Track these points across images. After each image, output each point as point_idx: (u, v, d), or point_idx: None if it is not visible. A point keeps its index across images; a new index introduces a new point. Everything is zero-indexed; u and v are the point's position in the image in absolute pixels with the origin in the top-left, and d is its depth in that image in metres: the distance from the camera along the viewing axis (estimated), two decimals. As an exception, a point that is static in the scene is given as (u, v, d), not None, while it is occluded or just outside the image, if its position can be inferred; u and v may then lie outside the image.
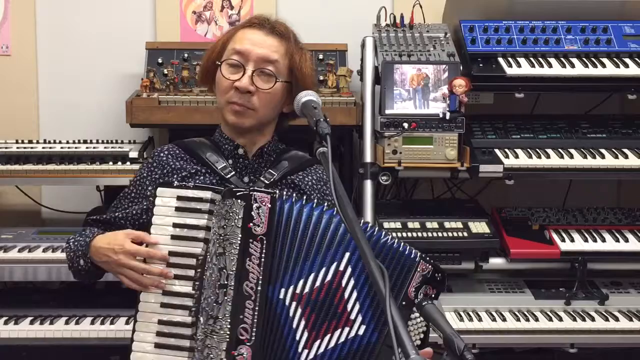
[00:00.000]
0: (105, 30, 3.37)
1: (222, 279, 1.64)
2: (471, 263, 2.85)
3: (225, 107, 1.90)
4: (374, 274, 1.37)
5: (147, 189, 1.93)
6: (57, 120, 3.38)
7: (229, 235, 1.65)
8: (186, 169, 1.92)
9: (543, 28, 3.00)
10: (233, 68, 1.88)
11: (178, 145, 1.99)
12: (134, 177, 1.99)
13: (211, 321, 1.63)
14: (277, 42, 1.91)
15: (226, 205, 1.66)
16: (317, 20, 3.37)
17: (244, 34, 1.91)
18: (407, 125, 2.75)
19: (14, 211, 3.37)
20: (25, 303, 2.95)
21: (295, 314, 1.66)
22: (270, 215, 1.65)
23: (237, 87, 1.86)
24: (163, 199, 1.73)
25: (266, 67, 1.87)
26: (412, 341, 1.27)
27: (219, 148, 1.96)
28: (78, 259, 1.88)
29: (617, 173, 2.86)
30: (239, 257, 1.64)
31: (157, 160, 1.96)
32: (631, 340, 2.72)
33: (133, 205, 1.95)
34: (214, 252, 1.66)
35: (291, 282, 1.66)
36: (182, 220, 1.72)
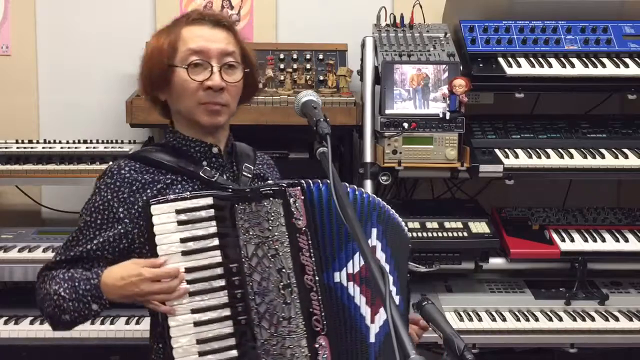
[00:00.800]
0: (105, 30, 3.37)
1: (284, 278, 1.66)
2: (471, 263, 2.85)
3: (196, 109, 1.80)
4: (374, 274, 1.37)
5: (116, 212, 1.76)
6: (57, 120, 3.38)
7: (277, 236, 1.66)
8: (159, 181, 1.79)
9: (543, 28, 3.00)
10: (197, 68, 1.79)
11: (135, 159, 1.84)
12: (92, 201, 1.80)
13: (285, 322, 1.65)
14: (225, 33, 1.84)
15: (264, 207, 1.66)
16: (317, 20, 3.38)
17: (191, 32, 1.82)
18: (407, 125, 2.75)
19: (14, 211, 3.37)
20: (25, 303, 2.94)
21: (355, 292, 1.71)
22: (305, 206, 1.68)
23: (210, 86, 1.78)
24: (160, 217, 1.64)
25: (229, 60, 1.81)
26: (412, 341, 1.27)
27: (182, 153, 1.84)
28: (87, 304, 1.71)
29: (617, 173, 2.86)
30: (293, 253, 1.67)
31: (119, 179, 1.79)
32: (631, 340, 2.72)
33: (104, 233, 1.77)
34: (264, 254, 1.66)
35: (341, 265, 1.70)
36: (190, 234, 1.65)
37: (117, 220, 1.77)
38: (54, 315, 1.75)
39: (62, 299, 1.72)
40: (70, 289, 1.72)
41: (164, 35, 1.85)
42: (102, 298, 1.70)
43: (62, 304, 1.72)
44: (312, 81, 3.13)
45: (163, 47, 1.82)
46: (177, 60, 1.81)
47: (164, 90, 1.85)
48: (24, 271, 2.84)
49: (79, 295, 1.71)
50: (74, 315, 1.72)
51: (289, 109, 2.82)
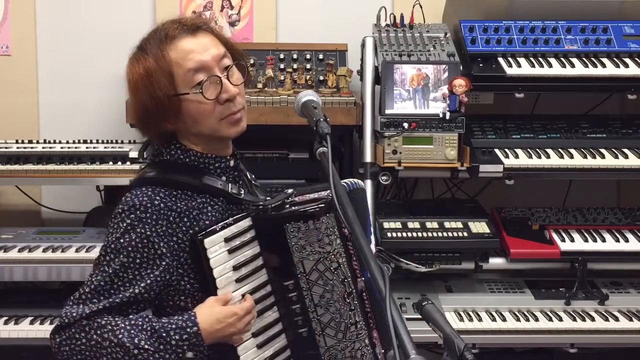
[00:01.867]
0: (105, 30, 3.37)
1: (347, 287, 1.70)
2: (471, 263, 2.85)
3: (218, 125, 1.72)
4: (374, 274, 1.37)
5: (158, 248, 1.64)
6: (57, 120, 3.38)
7: (337, 249, 1.70)
8: (193, 207, 1.70)
9: (543, 28, 3.00)
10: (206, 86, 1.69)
11: (159, 184, 1.70)
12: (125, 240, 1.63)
13: (353, 328, 1.72)
14: (208, 36, 1.75)
15: (323, 223, 1.68)
16: (317, 20, 3.38)
17: (179, 51, 1.70)
18: (407, 125, 2.75)
19: (14, 211, 3.37)
20: (25, 303, 2.95)
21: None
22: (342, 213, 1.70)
23: (227, 99, 1.70)
24: (214, 249, 1.65)
25: (226, 62, 1.74)
26: (412, 341, 1.27)
27: (200, 170, 1.75)
28: (182, 354, 1.61)
29: (617, 173, 2.86)
30: (348, 262, 1.71)
31: (155, 211, 1.65)
32: (631, 340, 2.71)
33: (146, 273, 1.64)
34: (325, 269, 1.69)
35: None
36: (239, 260, 1.69)
37: (160, 257, 1.65)
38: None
39: (144, 352, 1.58)
40: (156, 340, 1.59)
41: (146, 60, 1.70)
42: (202, 345, 1.63)
43: (147, 358, 1.58)
44: (312, 81, 3.13)
45: (156, 76, 1.67)
46: (181, 86, 1.69)
47: (173, 120, 1.72)
48: (24, 271, 2.84)
49: (171, 346, 1.60)
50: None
51: (289, 109, 2.82)
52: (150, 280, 1.64)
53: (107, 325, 1.60)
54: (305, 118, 1.74)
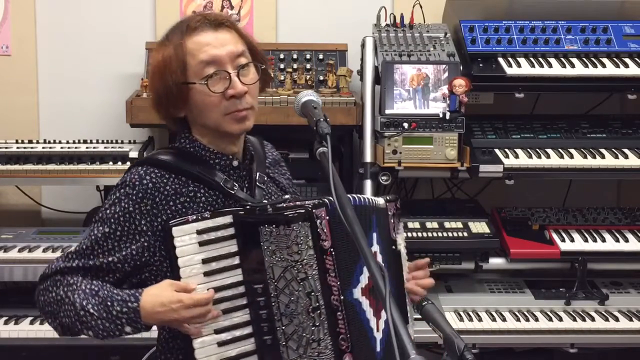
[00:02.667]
0: (105, 30, 3.37)
1: (313, 302, 1.64)
2: (471, 263, 2.85)
3: (222, 120, 1.74)
4: (374, 274, 1.37)
5: (138, 224, 1.71)
6: (57, 120, 3.38)
7: (306, 260, 1.64)
8: (182, 193, 1.74)
9: (543, 28, 3.00)
10: (214, 79, 1.72)
11: (155, 165, 1.75)
12: (111, 212, 1.72)
13: (315, 344, 1.64)
14: (228, 33, 1.77)
15: (293, 230, 1.63)
16: (317, 20, 3.38)
17: (196, 43, 1.73)
18: (407, 125, 2.75)
19: (14, 211, 3.37)
20: (25, 303, 2.94)
21: (366, 306, 1.71)
22: (330, 226, 1.66)
23: (233, 95, 1.72)
24: (183, 238, 1.64)
25: (242, 61, 1.76)
26: (412, 341, 1.27)
27: (201, 161, 1.79)
28: (121, 327, 1.66)
29: (617, 173, 2.86)
30: (321, 276, 1.64)
31: (142, 190, 1.71)
32: (631, 340, 2.72)
33: (124, 246, 1.72)
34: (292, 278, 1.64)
35: (358, 280, 1.70)
36: (211, 254, 1.66)
37: (139, 233, 1.71)
38: (72, 327, 1.69)
39: (89, 316, 1.66)
40: (101, 306, 1.66)
41: (166, 49, 1.75)
42: (140, 322, 1.66)
43: (90, 321, 1.66)
44: (312, 81, 3.13)
45: (171, 64, 1.72)
46: (191, 76, 1.72)
47: (182, 107, 1.77)
48: (24, 271, 2.84)
49: (112, 316, 1.65)
50: (102, 334, 1.67)
51: (289, 109, 2.82)
52: (125, 252, 1.71)
53: (72, 284, 1.70)
54: (305, 118, 1.74)
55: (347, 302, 1.67)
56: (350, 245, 1.67)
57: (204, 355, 1.64)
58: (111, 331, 1.67)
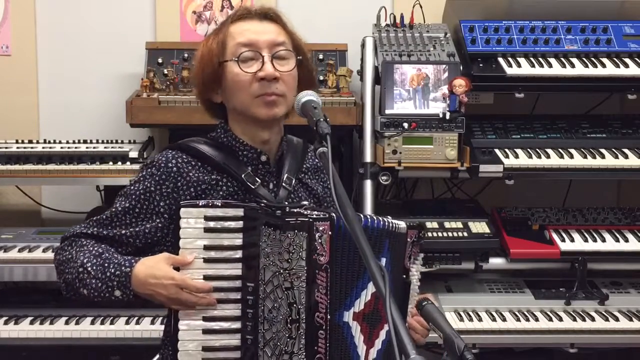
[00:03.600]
0: (105, 30, 3.37)
1: (294, 313, 1.62)
2: (471, 263, 2.85)
3: (251, 103, 1.76)
4: (374, 275, 1.37)
5: (157, 205, 1.76)
6: (57, 120, 3.38)
7: (295, 270, 1.62)
8: (204, 181, 1.77)
9: (543, 28, 3.00)
10: (248, 62, 1.76)
11: (183, 150, 1.80)
12: (134, 188, 1.78)
13: (286, 356, 1.62)
14: (274, 25, 1.83)
15: (287, 238, 1.62)
16: (317, 20, 3.37)
17: (239, 27, 1.80)
18: (407, 125, 2.75)
19: (14, 211, 3.37)
20: (25, 303, 2.95)
21: (357, 331, 1.69)
22: (331, 243, 1.62)
23: (262, 77, 1.75)
24: (189, 220, 1.64)
25: (280, 49, 1.79)
26: (413, 341, 1.27)
27: (230, 152, 1.82)
28: (111, 289, 1.69)
29: (617, 173, 2.86)
30: (307, 289, 1.62)
31: (165, 172, 1.76)
32: (631, 340, 2.72)
33: (140, 223, 1.77)
34: (278, 284, 1.63)
35: (352, 303, 1.68)
36: (214, 242, 1.65)
37: (157, 214, 1.76)
38: (72, 284, 1.73)
39: (86, 274, 1.70)
40: (99, 267, 1.70)
41: (212, 37, 1.83)
42: (129, 288, 1.68)
43: (86, 279, 1.70)
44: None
45: (212, 47, 1.80)
46: (227, 56, 1.78)
47: (217, 90, 1.82)
48: (24, 271, 2.84)
49: (105, 277, 1.69)
50: (93, 293, 1.70)
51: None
52: (139, 229, 1.77)
53: (83, 245, 1.76)
54: (305, 118, 1.73)
55: (334, 323, 1.64)
56: (351, 267, 1.66)
57: (186, 337, 1.64)
58: (102, 292, 1.69)
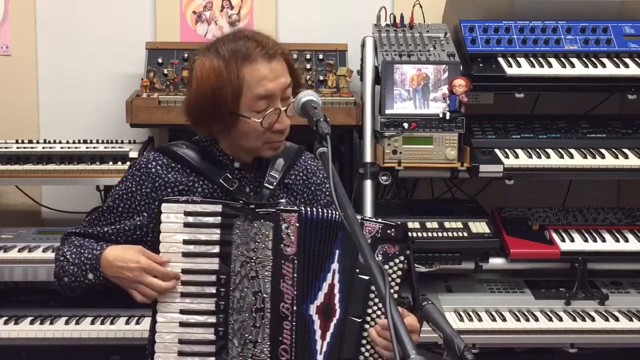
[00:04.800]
0: (105, 30, 3.37)
1: (258, 302, 1.66)
2: (471, 263, 2.85)
3: (261, 147, 1.79)
4: (374, 274, 1.37)
5: (138, 204, 1.82)
6: (57, 120, 3.38)
7: (260, 259, 1.67)
8: (181, 182, 1.82)
9: (543, 28, 3.00)
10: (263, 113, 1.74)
11: (164, 154, 1.85)
12: (118, 188, 1.86)
13: (250, 345, 1.66)
14: (281, 64, 1.79)
15: (254, 227, 1.67)
16: (317, 20, 3.38)
17: (256, 76, 1.73)
18: (407, 125, 2.75)
19: (14, 211, 3.37)
20: (25, 303, 2.95)
21: (317, 325, 1.71)
22: (299, 234, 1.67)
23: (279, 129, 1.77)
24: (169, 215, 1.69)
25: (288, 93, 1.79)
26: (412, 341, 1.27)
27: (210, 156, 1.85)
28: (84, 272, 1.78)
29: (617, 173, 2.86)
30: (273, 279, 1.67)
31: (145, 173, 1.82)
32: (631, 340, 2.71)
33: (122, 221, 1.84)
34: (245, 274, 1.67)
35: (316, 296, 1.70)
36: (193, 237, 1.69)
37: (136, 212, 1.83)
38: (58, 275, 1.84)
39: (66, 262, 1.81)
40: (75, 254, 1.81)
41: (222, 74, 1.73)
42: (99, 270, 1.76)
43: (65, 266, 1.81)
44: (312, 81, 3.13)
45: (225, 91, 1.72)
46: (243, 107, 1.74)
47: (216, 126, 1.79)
48: (24, 271, 2.84)
49: (80, 262, 1.79)
50: (71, 279, 1.80)
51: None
52: (120, 226, 1.84)
53: (71, 242, 1.87)
54: (305, 118, 1.74)
55: (301, 315, 1.67)
56: (317, 261, 1.69)
57: (164, 330, 1.68)
58: (77, 276, 1.79)
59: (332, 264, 1.72)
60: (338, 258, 1.73)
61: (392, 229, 1.73)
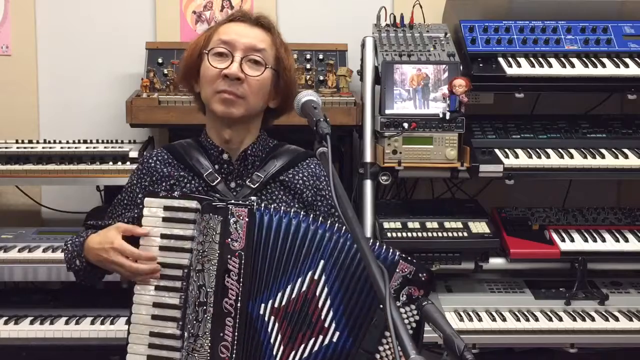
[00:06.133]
0: (105, 30, 3.38)
1: (202, 296, 1.66)
2: (471, 263, 2.85)
3: (212, 97, 1.85)
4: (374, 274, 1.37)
5: (137, 197, 1.93)
6: (57, 120, 3.38)
7: (207, 252, 1.67)
8: (173, 176, 1.91)
9: (543, 28, 3.00)
10: (220, 57, 1.86)
11: (167, 149, 1.97)
12: (127, 183, 1.99)
13: (192, 339, 1.66)
14: (262, 33, 1.91)
15: (204, 220, 1.68)
16: (317, 20, 3.38)
17: (228, 27, 1.90)
18: (407, 125, 2.75)
19: (14, 211, 3.37)
20: (25, 303, 2.95)
21: (274, 328, 1.68)
22: (248, 230, 1.67)
23: (226, 74, 1.82)
24: (150, 209, 1.75)
25: (255, 54, 1.86)
26: (412, 341, 1.27)
27: (206, 151, 1.93)
28: (74, 259, 1.91)
29: (617, 173, 2.85)
30: (218, 274, 1.66)
31: (146, 167, 1.95)
32: (631, 340, 2.71)
33: (125, 213, 1.96)
34: (194, 267, 1.69)
35: (270, 296, 1.68)
36: (169, 231, 1.73)
37: (136, 205, 1.92)
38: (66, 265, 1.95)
39: (67, 250, 1.95)
40: (72, 242, 1.94)
41: (208, 30, 1.95)
42: (82, 256, 1.87)
43: (66, 255, 1.94)
44: (312, 81, 3.13)
45: (200, 39, 1.92)
46: (207, 49, 1.88)
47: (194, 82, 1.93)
48: (24, 271, 2.84)
49: (72, 249, 1.92)
50: (68, 265, 1.93)
51: (289, 109, 2.82)
52: (121, 218, 1.95)
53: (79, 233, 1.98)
54: (305, 118, 1.74)
55: (247, 313, 1.66)
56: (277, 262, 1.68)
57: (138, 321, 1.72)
58: (70, 263, 1.92)
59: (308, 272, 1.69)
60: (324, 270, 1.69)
61: (424, 273, 1.73)
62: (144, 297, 1.72)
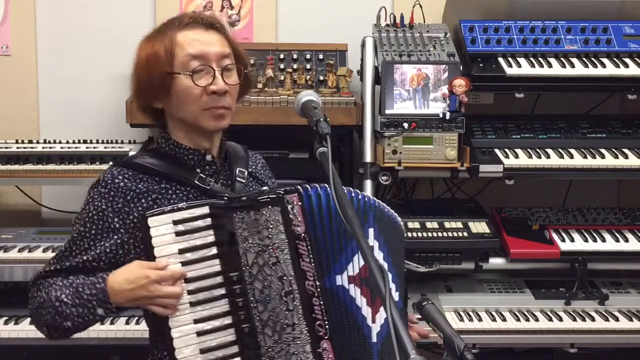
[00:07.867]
0: (105, 30, 3.37)
1: (286, 286, 1.66)
2: (471, 263, 2.85)
3: (200, 114, 1.77)
4: (373, 273, 1.37)
5: (111, 222, 1.74)
6: (57, 120, 3.38)
7: (277, 243, 1.66)
8: (154, 190, 1.77)
9: (543, 28, 3.00)
10: (199, 74, 1.76)
11: (128, 166, 1.80)
12: (85, 211, 1.78)
13: (289, 329, 1.65)
14: (218, 34, 1.82)
15: (263, 215, 1.66)
16: (317, 20, 3.38)
17: (186, 37, 1.78)
18: (407, 125, 2.75)
19: (14, 211, 3.37)
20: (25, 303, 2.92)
21: (356, 293, 1.71)
22: (303, 212, 1.67)
23: (214, 91, 1.76)
24: (159, 228, 1.65)
25: (227, 63, 1.80)
26: (412, 341, 1.27)
27: (176, 160, 1.82)
28: (92, 309, 1.68)
29: (617, 173, 2.86)
30: (293, 260, 1.66)
31: (114, 188, 1.76)
32: (631, 340, 2.72)
33: (98, 243, 1.75)
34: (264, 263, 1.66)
35: (342, 267, 1.70)
36: (188, 244, 1.66)
37: (112, 231, 1.75)
38: (54, 323, 1.71)
39: (64, 305, 1.69)
40: (74, 294, 1.69)
41: (156, 41, 1.80)
42: (109, 302, 1.68)
43: (65, 311, 1.69)
44: (312, 81, 3.13)
45: (159, 53, 1.77)
46: (177, 67, 1.76)
47: (162, 98, 1.80)
48: (24, 271, 2.84)
49: (83, 301, 1.68)
50: (77, 321, 1.69)
51: (289, 109, 2.82)
52: (99, 250, 1.74)
53: (51, 284, 1.73)
54: (305, 118, 1.74)
55: (326, 289, 1.67)
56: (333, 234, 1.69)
57: (182, 345, 1.64)
58: (85, 316, 1.68)
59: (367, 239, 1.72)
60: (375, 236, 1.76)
61: None
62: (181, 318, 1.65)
